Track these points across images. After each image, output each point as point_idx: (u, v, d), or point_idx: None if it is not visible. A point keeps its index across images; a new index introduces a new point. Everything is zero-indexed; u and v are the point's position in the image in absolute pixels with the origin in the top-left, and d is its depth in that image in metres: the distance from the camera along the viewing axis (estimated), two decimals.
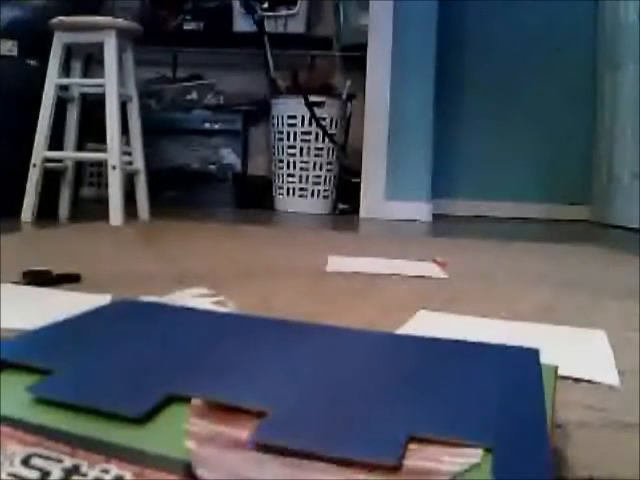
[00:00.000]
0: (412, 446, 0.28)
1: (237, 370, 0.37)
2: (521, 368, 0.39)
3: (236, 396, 0.33)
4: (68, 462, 0.26)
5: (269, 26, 3.19)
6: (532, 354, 0.42)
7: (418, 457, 0.28)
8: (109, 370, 0.36)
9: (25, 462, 0.26)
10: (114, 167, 2.02)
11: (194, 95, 3.34)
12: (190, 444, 0.28)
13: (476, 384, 0.36)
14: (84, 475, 0.25)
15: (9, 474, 0.25)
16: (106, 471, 0.26)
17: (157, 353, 0.39)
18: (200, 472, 0.26)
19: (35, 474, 0.26)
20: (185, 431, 0.29)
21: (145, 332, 0.43)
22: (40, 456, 0.27)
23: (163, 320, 0.46)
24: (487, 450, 0.28)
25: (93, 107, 2.40)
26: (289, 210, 3.12)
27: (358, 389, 0.34)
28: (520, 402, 0.34)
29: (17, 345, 0.40)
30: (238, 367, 0.37)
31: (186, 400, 0.32)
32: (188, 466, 0.26)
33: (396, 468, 0.26)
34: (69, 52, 2.15)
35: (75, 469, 0.26)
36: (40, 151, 2.06)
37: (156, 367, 0.36)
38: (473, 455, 0.28)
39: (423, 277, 1.17)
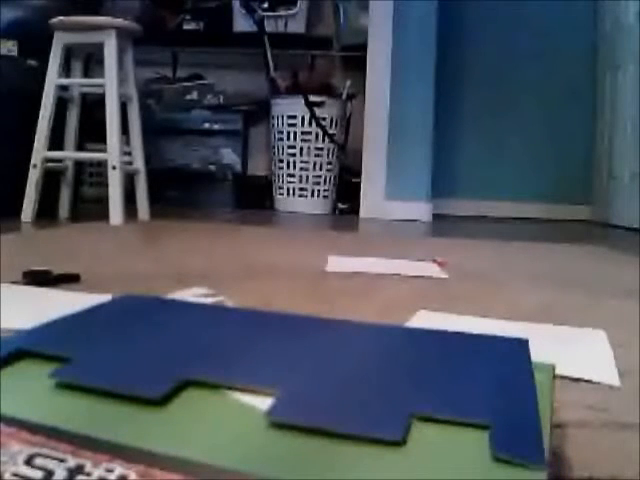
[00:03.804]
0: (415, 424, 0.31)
1: (246, 357, 0.38)
2: (512, 355, 0.41)
3: (245, 379, 0.34)
4: (72, 461, 0.26)
5: (269, 26, 3.19)
6: (522, 343, 0.43)
7: None
8: (125, 358, 0.37)
9: (28, 462, 0.26)
10: (114, 167, 2.02)
11: (194, 95, 3.34)
12: None
13: (471, 369, 0.38)
14: (88, 474, 0.25)
15: (12, 474, 0.25)
16: (110, 470, 0.26)
17: (168, 342, 0.41)
18: None
19: (39, 474, 0.26)
20: None
21: (155, 324, 0.45)
22: (43, 455, 0.27)
23: (171, 313, 0.48)
24: (483, 427, 0.30)
25: (93, 107, 2.40)
26: (289, 210, 3.12)
27: (361, 374, 0.36)
28: (513, 384, 0.36)
29: (32, 336, 0.41)
30: (247, 355, 0.39)
31: (200, 384, 0.34)
32: (192, 465, 0.26)
33: (400, 444, 0.29)
34: (69, 52, 2.16)
35: (79, 468, 0.26)
36: (40, 151, 2.06)
37: (169, 355, 0.38)
38: None
39: (423, 277, 1.17)
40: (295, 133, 3.06)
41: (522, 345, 0.43)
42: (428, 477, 0.26)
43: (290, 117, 3.05)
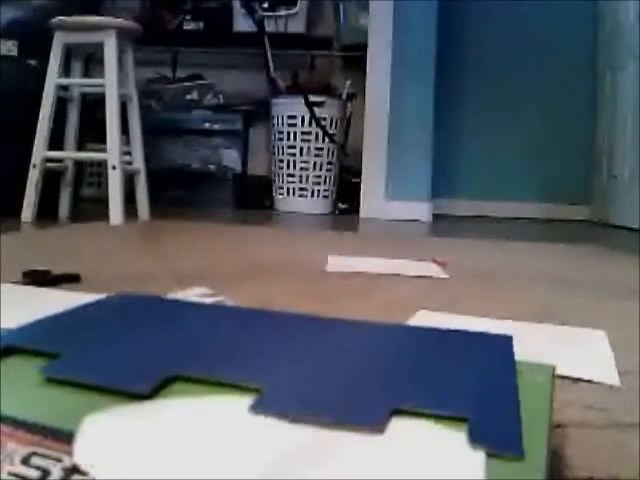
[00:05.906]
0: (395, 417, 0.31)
1: (237, 354, 0.39)
2: (496, 351, 0.43)
3: (232, 375, 0.35)
4: (68, 461, 0.26)
5: (269, 26, 3.19)
6: (507, 340, 0.45)
7: None
8: (115, 354, 0.37)
9: (25, 461, 0.26)
10: (114, 167, 2.02)
11: (194, 95, 3.34)
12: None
13: (456, 364, 0.39)
14: (84, 474, 0.25)
15: (9, 473, 0.25)
16: None
17: (161, 340, 0.41)
18: None
19: (35, 473, 0.26)
20: None
21: (148, 321, 0.45)
22: (40, 455, 0.27)
23: (166, 311, 0.48)
24: (463, 420, 0.31)
25: (93, 107, 2.40)
26: (289, 210, 3.12)
27: (351, 370, 0.37)
28: (494, 379, 0.37)
29: (24, 332, 0.41)
30: (238, 352, 0.39)
31: (187, 379, 0.35)
32: None
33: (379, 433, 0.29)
34: (69, 52, 2.15)
35: (75, 468, 0.26)
36: (40, 151, 2.06)
37: (160, 352, 0.38)
38: None
39: (423, 277, 1.17)
40: (295, 133, 3.06)
41: (506, 341, 0.44)
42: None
43: (290, 117, 3.05)
